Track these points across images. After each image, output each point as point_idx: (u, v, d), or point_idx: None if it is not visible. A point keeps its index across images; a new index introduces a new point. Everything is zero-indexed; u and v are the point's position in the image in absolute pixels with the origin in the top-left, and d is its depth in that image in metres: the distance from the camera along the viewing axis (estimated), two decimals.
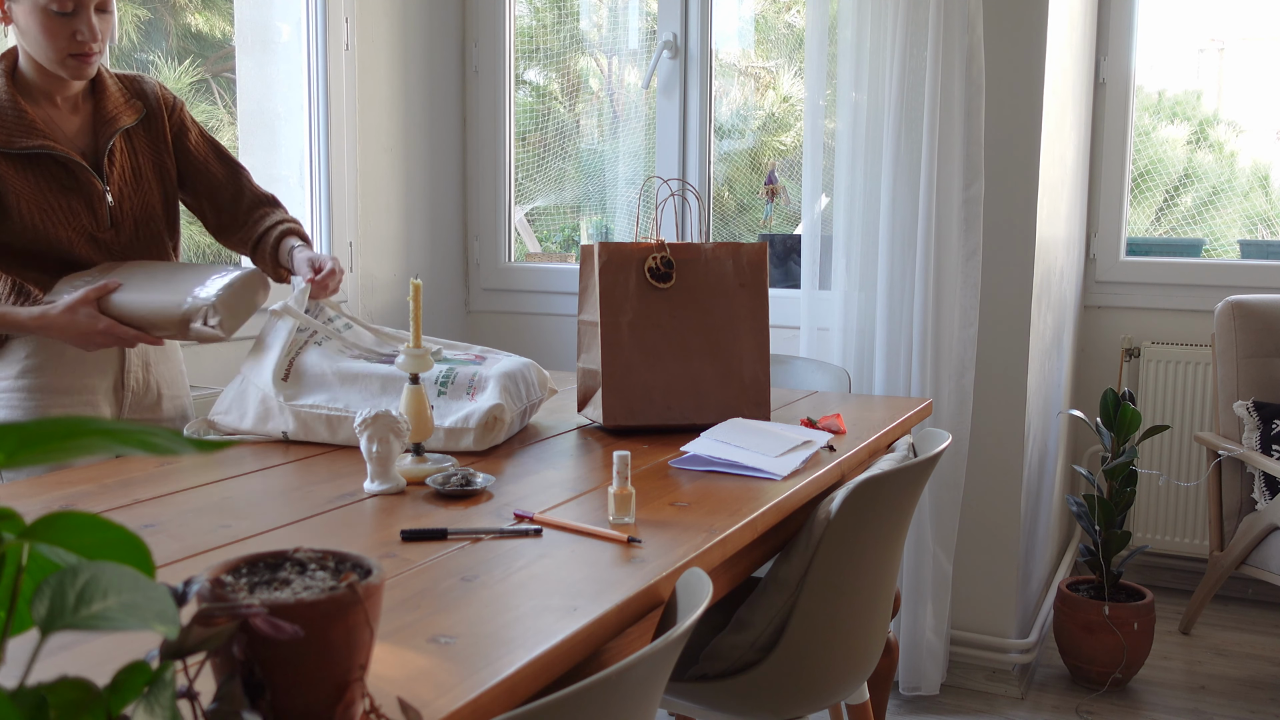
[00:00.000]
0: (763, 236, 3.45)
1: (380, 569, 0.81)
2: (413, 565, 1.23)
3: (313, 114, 3.09)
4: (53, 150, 1.87)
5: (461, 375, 1.85)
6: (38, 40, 1.83)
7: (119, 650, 0.98)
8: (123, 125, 1.98)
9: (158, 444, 0.59)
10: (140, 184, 2.01)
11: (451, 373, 1.85)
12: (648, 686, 0.99)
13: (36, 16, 1.80)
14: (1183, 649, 3.22)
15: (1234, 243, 3.67)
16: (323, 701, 0.78)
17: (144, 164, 2.03)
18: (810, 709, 1.68)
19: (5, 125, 1.84)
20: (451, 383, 1.84)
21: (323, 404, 1.83)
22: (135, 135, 2.02)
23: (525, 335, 3.58)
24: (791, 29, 3.71)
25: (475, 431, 1.78)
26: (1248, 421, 3.10)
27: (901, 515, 1.74)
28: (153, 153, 2.05)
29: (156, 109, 2.06)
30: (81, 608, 0.61)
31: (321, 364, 1.88)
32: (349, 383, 1.84)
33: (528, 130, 3.76)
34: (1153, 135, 3.79)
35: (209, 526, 1.37)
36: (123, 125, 1.98)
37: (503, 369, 1.88)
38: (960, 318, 2.74)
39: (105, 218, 1.95)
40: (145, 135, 2.04)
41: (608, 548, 1.30)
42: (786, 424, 1.96)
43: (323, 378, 1.86)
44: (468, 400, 1.81)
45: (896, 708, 2.83)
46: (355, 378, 1.84)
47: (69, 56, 1.84)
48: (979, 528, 2.90)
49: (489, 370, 1.87)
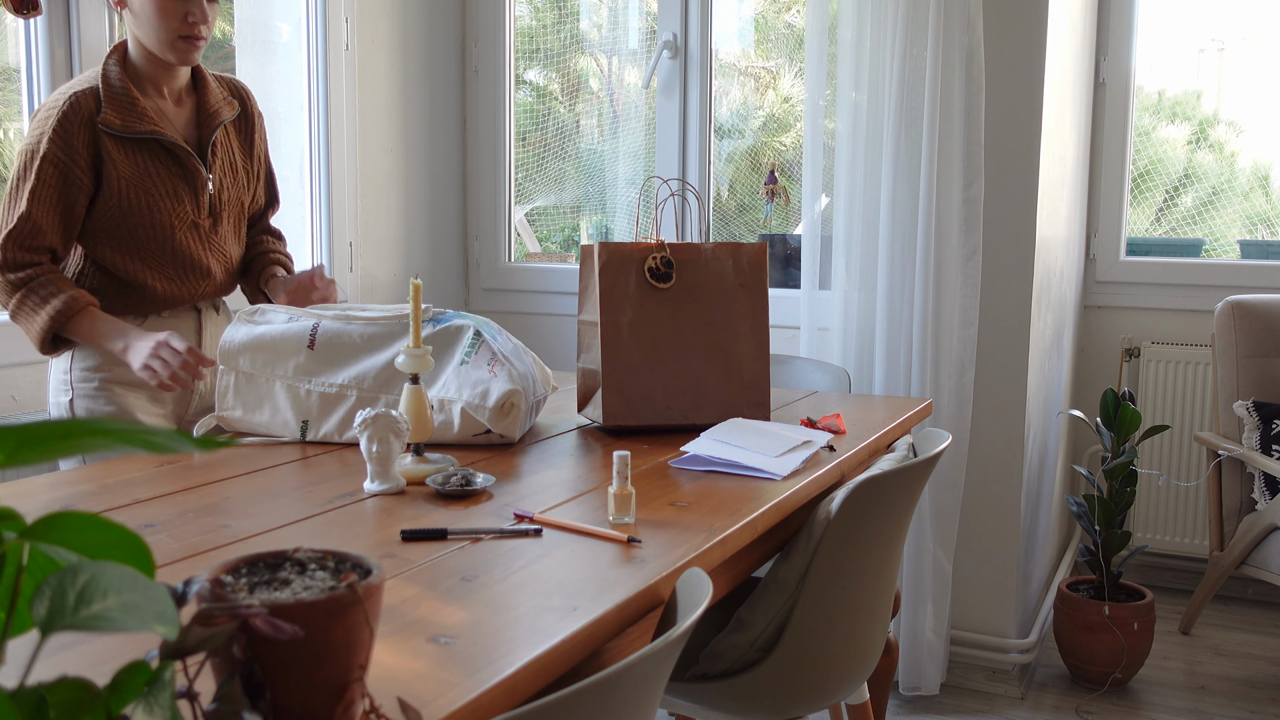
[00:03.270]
0: (763, 236, 3.45)
1: (380, 569, 0.81)
2: (413, 565, 1.23)
3: (313, 114, 3.09)
4: (162, 137, 1.96)
5: (484, 351, 1.85)
6: (151, 22, 1.92)
7: (119, 650, 0.98)
8: (225, 118, 2.08)
9: (158, 444, 0.59)
10: (235, 177, 2.12)
11: (478, 342, 1.86)
12: (648, 686, 0.99)
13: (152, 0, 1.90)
14: (1183, 649, 3.22)
15: (1234, 243, 3.67)
16: (323, 701, 0.78)
17: (238, 159, 2.13)
18: (810, 709, 1.68)
19: (120, 110, 1.93)
20: (475, 353, 1.84)
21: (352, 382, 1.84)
22: (231, 130, 2.12)
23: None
24: (791, 29, 3.71)
25: (491, 411, 1.78)
26: (1248, 421, 3.10)
27: (901, 515, 1.74)
28: (242, 151, 2.15)
29: (249, 112, 2.17)
30: (81, 608, 0.61)
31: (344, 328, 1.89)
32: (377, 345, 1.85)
33: (528, 130, 3.76)
34: (1153, 135, 3.79)
35: (209, 526, 1.37)
36: (225, 118, 2.08)
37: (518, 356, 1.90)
38: (960, 318, 2.74)
39: (205, 205, 2.05)
40: (238, 133, 2.14)
41: (608, 548, 1.30)
42: (786, 424, 1.96)
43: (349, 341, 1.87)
44: (487, 372, 1.81)
45: (896, 708, 2.82)
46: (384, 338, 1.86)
47: (179, 39, 1.93)
48: (979, 528, 2.90)
49: (509, 352, 1.88)
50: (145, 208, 1.96)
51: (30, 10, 2.20)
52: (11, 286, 1.91)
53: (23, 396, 2.32)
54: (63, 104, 1.90)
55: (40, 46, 2.36)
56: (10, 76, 2.40)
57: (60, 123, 1.89)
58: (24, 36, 2.36)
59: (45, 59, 2.36)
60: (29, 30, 2.36)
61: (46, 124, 1.90)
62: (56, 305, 1.89)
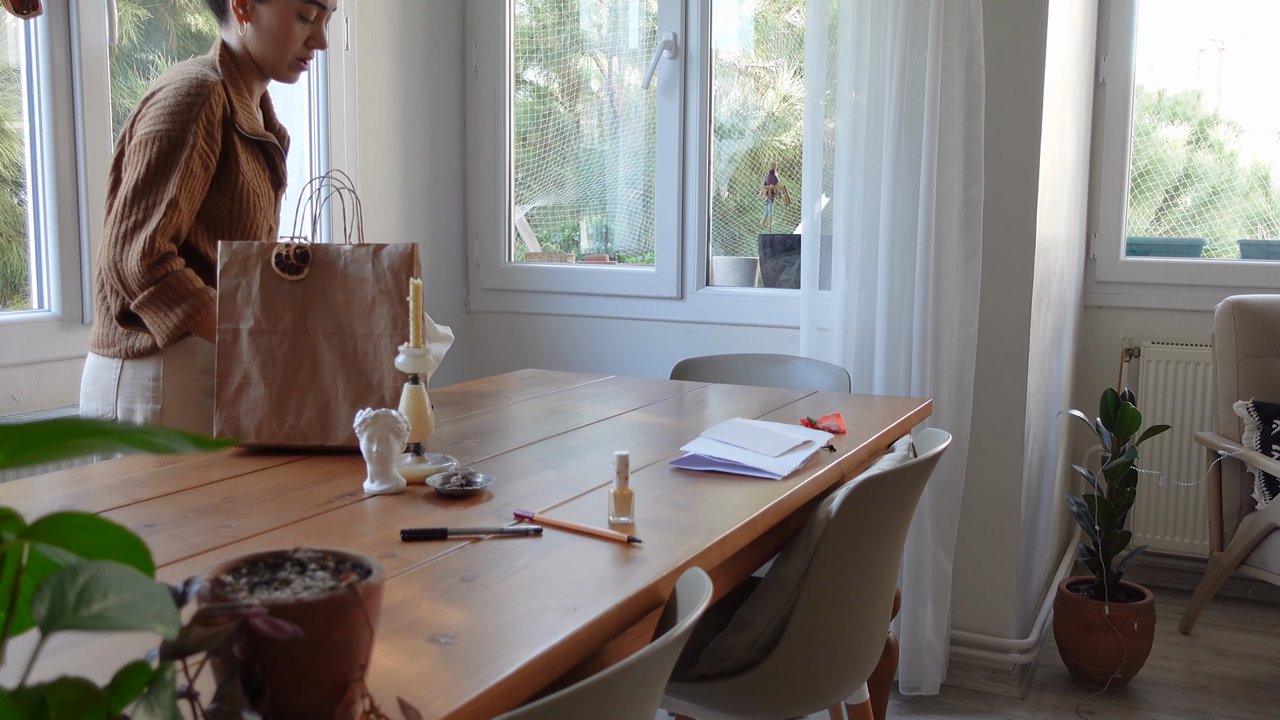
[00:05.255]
0: (763, 236, 3.45)
1: (380, 569, 0.81)
2: (413, 565, 1.23)
3: (313, 114, 3.09)
4: (272, 142, 2.06)
5: None
6: (276, 41, 1.99)
7: (119, 650, 0.98)
8: (288, 136, 2.20)
9: (158, 444, 0.59)
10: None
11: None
12: (648, 686, 0.99)
13: (284, 18, 1.98)
14: (1183, 649, 3.22)
15: (1234, 243, 3.67)
16: (323, 701, 0.78)
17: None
18: (810, 709, 1.68)
19: (245, 111, 2.01)
20: None
21: None
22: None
23: (525, 335, 3.58)
24: (791, 29, 3.72)
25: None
26: (1248, 421, 3.10)
27: (901, 515, 1.74)
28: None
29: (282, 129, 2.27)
30: (81, 608, 0.61)
31: None
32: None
33: (528, 130, 3.76)
34: (1153, 135, 3.79)
35: (209, 526, 1.37)
36: (288, 136, 2.20)
37: None
38: (960, 318, 2.74)
39: (279, 208, 2.16)
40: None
41: (608, 548, 1.30)
42: (786, 424, 1.96)
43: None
44: None
45: (896, 708, 2.82)
46: None
47: (297, 60, 2.03)
48: (979, 528, 2.90)
49: None
50: (253, 205, 2.04)
51: (30, 10, 2.20)
52: (148, 278, 1.90)
53: (23, 396, 2.32)
54: (201, 94, 1.92)
55: (40, 46, 2.36)
56: (10, 76, 2.40)
57: (206, 114, 1.92)
58: (24, 36, 2.36)
59: (45, 59, 2.36)
60: (29, 30, 2.36)
61: (190, 113, 1.91)
62: (193, 304, 1.92)
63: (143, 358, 1.99)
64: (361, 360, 1.76)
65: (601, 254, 3.85)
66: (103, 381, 2.01)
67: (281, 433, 1.75)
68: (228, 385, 1.76)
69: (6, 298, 2.53)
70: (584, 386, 2.48)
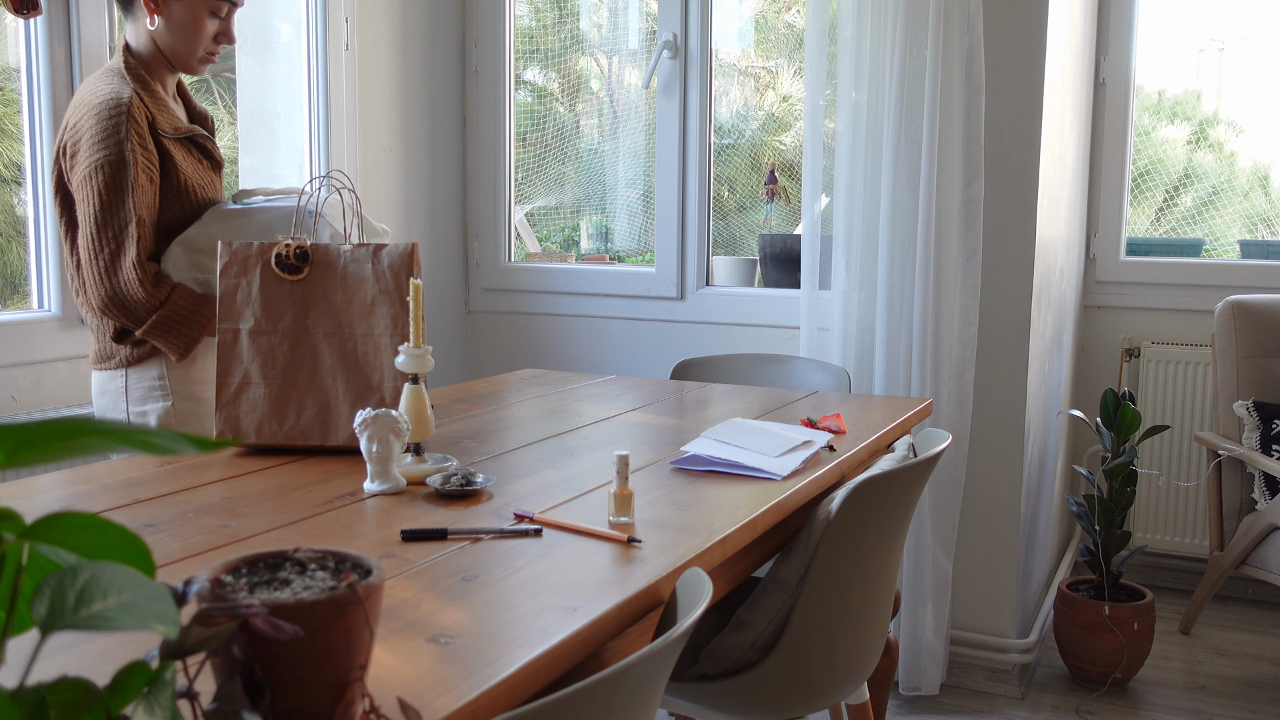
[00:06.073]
0: (763, 236, 3.45)
1: (380, 569, 0.81)
2: (413, 565, 1.23)
3: (313, 114, 3.09)
4: (199, 133, 2.08)
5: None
6: (188, 36, 2.01)
7: (119, 650, 0.98)
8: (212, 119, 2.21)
9: (158, 444, 0.59)
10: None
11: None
12: (648, 686, 0.99)
13: (195, 14, 2.00)
14: (1183, 649, 3.22)
15: (1234, 243, 3.67)
16: (323, 701, 0.78)
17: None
18: (810, 709, 1.68)
19: (164, 113, 2.01)
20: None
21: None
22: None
23: (525, 335, 3.58)
24: (791, 29, 3.72)
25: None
26: (1248, 421, 3.10)
27: (901, 515, 1.74)
28: None
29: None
30: (81, 608, 0.61)
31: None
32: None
33: (528, 130, 3.76)
34: (1153, 135, 3.79)
35: (209, 526, 1.37)
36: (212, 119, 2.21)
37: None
38: (960, 317, 2.74)
39: (224, 192, 2.18)
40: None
41: (608, 548, 1.30)
42: (786, 424, 1.96)
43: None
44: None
45: (896, 708, 2.82)
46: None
47: (207, 54, 2.05)
48: (979, 528, 2.90)
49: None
50: (201, 200, 2.06)
51: (30, 10, 2.20)
52: (153, 301, 1.94)
53: (23, 396, 2.32)
54: (121, 111, 1.92)
55: (40, 46, 2.36)
56: (10, 76, 2.40)
57: (134, 129, 1.93)
58: (24, 36, 2.36)
59: (45, 59, 2.36)
60: (29, 30, 2.36)
61: (120, 133, 1.92)
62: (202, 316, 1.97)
63: (143, 362, 2.02)
64: (361, 360, 1.75)
65: (601, 254, 3.85)
66: (110, 393, 2.05)
67: (281, 433, 1.75)
68: (228, 385, 1.76)
69: (6, 298, 2.53)
70: (584, 386, 2.48)
